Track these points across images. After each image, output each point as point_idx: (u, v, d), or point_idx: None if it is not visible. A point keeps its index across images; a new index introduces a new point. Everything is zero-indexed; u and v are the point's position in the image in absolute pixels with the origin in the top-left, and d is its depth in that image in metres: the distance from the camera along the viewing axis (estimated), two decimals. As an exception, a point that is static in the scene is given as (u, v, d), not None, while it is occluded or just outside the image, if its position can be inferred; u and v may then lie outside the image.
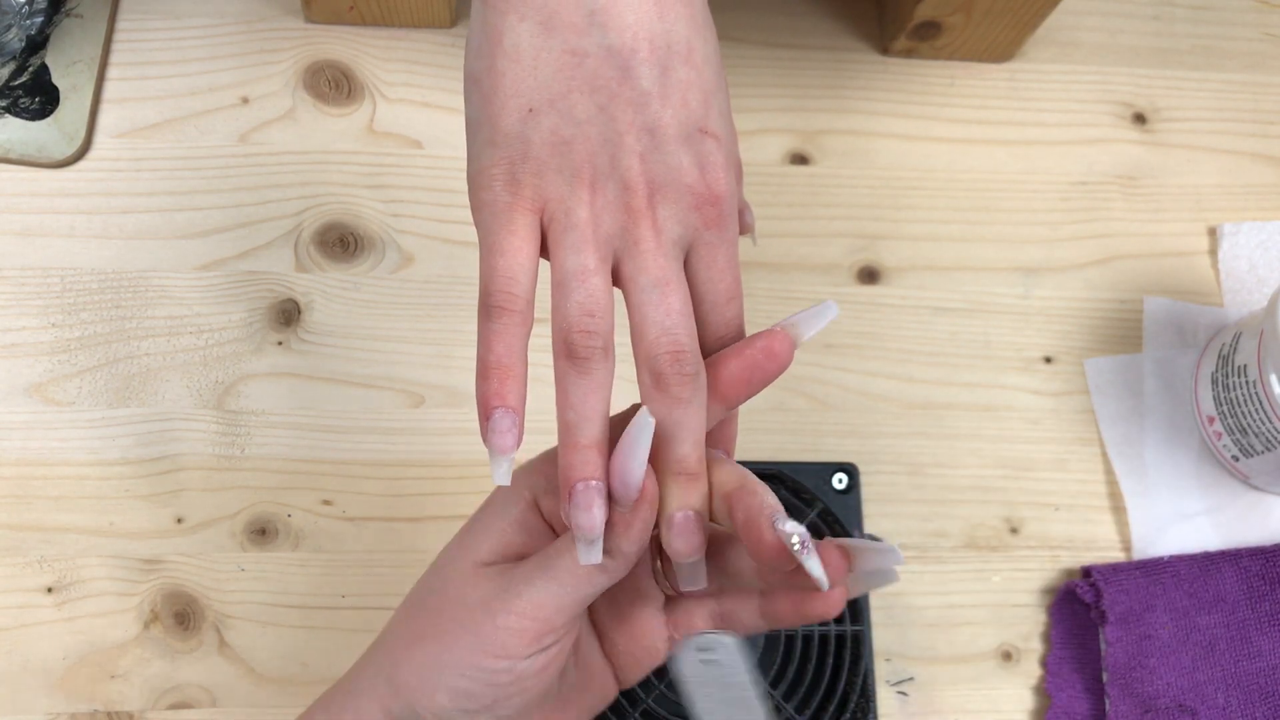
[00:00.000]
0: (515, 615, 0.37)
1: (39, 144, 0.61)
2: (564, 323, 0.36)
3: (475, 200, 0.37)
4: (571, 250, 0.36)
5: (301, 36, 0.66)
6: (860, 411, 0.64)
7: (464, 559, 0.40)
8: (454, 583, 0.39)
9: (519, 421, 0.36)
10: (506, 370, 0.36)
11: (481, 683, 0.38)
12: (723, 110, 0.38)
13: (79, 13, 0.64)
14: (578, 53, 0.36)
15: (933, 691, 0.60)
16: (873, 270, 0.66)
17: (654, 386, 0.36)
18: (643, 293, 0.37)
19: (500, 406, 0.36)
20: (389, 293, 0.62)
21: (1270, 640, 0.60)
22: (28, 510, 0.57)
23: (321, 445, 0.60)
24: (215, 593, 0.57)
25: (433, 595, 0.40)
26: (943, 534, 0.62)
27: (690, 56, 0.37)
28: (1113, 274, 0.68)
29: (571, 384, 0.36)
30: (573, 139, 0.36)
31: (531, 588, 0.37)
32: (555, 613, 0.37)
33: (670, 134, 0.36)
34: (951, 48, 0.69)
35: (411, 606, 0.41)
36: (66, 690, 0.55)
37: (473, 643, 0.37)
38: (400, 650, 0.39)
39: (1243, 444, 0.62)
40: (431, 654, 0.38)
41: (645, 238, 0.37)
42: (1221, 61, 0.73)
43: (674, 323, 0.36)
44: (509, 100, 0.36)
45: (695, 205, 0.37)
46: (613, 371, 0.37)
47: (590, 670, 0.42)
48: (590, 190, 0.36)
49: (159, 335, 0.60)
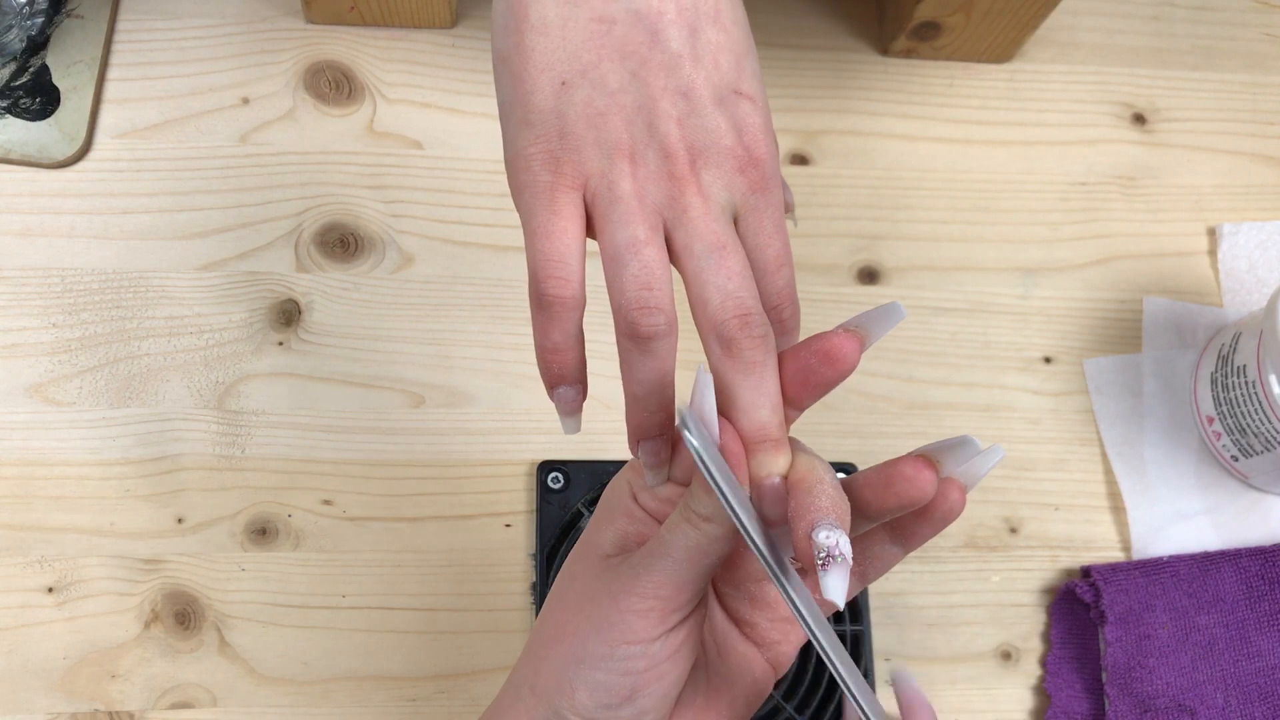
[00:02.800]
0: (637, 596, 0.36)
1: (40, 144, 0.61)
2: (622, 299, 0.35)
3: (515, 183, 0.37)
4: (620, 224, 0.36)
5: (302, 37, 0.66)
6: (860, 411, 0.64)
7: (589, 555, 0.39)
8: (581, 579, 0.39)
9: (582, 389, 0.38)
10: (565, 353, 0.36)
11: (617, 673, 0.37)
12: (755, 72, 0.38)
13: (79, 13, 0.64)
14: (605, 19, 0.36)
15: (933, 691, 0.60)
16: (873, 270, 0.66)
17: (725, 354, 0.35)
18: (699, 260, 0.36)
19: (563, 384, 0.37)
20: (389, 293, 0.62)
21: (1269, 640, 0.61)
22: (28, 510, 0.57)
23: (322, 445, 0.60)
24: (216, 593, 0.57)
25: (564, 596, 0.39)
26: (942, 534, 0.62)
27: (718, 17, 0.36)
28: (1112, 274, 0.68)
29: (637, 361, 0.36)
30: (607, 110, 0.36)
31: (649, 568, 0.36)
32: (676, 589, 0.36)
33: (704, 96, 0.36)
34: (951, 48, 0.69)
35: (546, 612, 0.40)
36: (67, 690, 0.55)
37: (602, 633, 0.37)
38: (539, 656, 0.39)
39: (1242, 444, 0.62)
40: (566, 652, 0.37)
41: (693, 204, 0.36)
42: (1221, 61, 0.73)
43: (737, 285, 0.35)
44: (540, 75, 0.36)
45: (738, 169, 0.36)
46: (676, 342, 0.36)
47: (733, 658, 0.41)
48: (631, 161, 0.36)
49: (159, 335, 0.60)
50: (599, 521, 0.40)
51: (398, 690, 0.57)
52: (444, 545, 0.59)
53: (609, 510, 0.40)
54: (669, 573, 0.36)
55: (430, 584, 0.58)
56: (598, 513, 0.40)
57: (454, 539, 0.59)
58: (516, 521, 0.60)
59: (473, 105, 0.66)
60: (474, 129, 0.65)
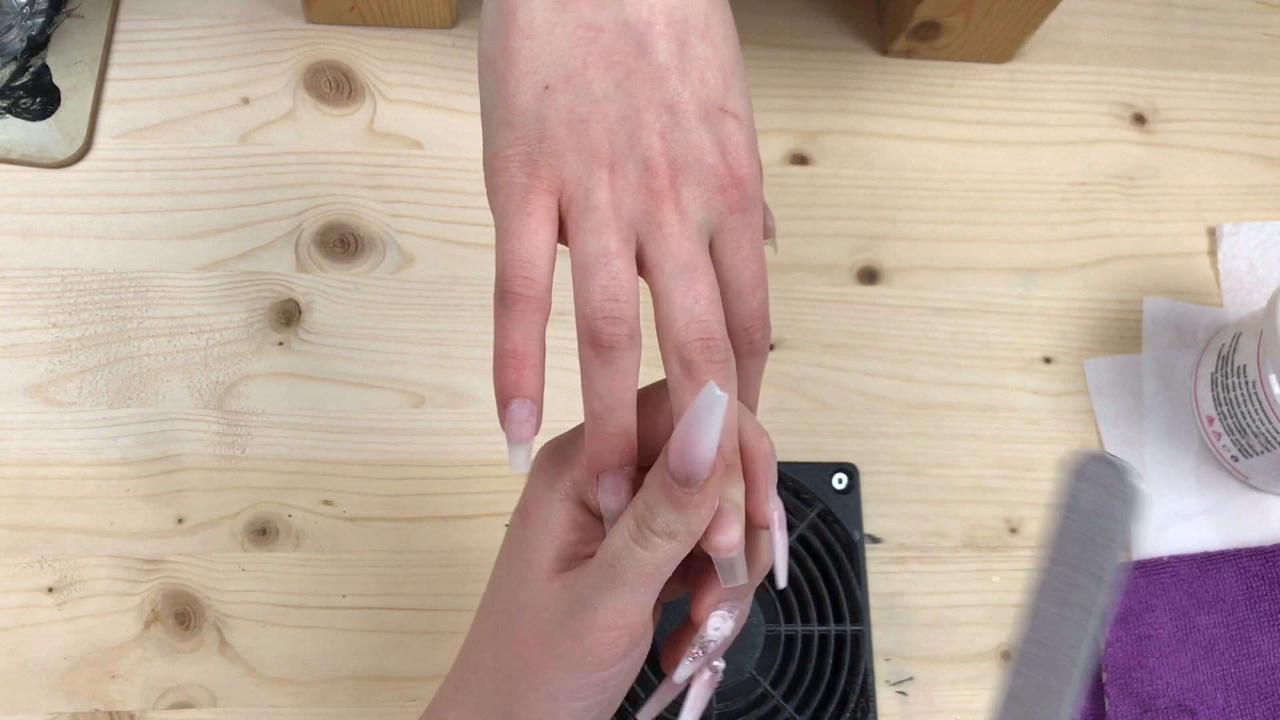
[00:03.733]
0: (599, 631, 0.35)
1: (40, 144, 0.61)
2: (587, 309, 0.35)
3: (491, 184, 0.36)
4: (592, 233, 0.35)
5: (302, 37, 0.66)
6: (860, 411, 0.64)
7: (530, 575, 0.37)
8: (530, 606, 0.37)
9: (537, 411, 0.35)
10: (524, 359, 0.35)
11: (595, 693, 0.36)
12: (743, 90, 0.37)
13: (80, 13, 0.64)
14: (592, 27, 0.35)
15: (933, 691, 0.60)
16: (873, 270, 0.66)
17: (684, 375, 0.35)
18: (669, 279, 0.35)
19: (517, 396, 0.35)
20: (389, 293, 0.62)
21: (1269, 640, 0.61)
22: (28, 510, 0.57)
23: (322, 445, 0.60)
24: (216, 593, 0.57)
25: (515, 621, 0.37)
26: (942, 534, 0.62)
27: (708, 33, 0.36)
28: (1112, 274, 0.68)
29: (597, 373, 0.35)
30: (590, 117, 0.35)
31: (604, 598, 0.35)
32: (637, 613, 0.36)
33: (690, 111, 0.36)
34: (951, 48, 0.69)
35: (498, 635, 0.38)
36: (67, 690, 0.55)
37: (574, 669, 0.36)
38: (506, 693, 0.37)
39: (1242, 444, 0.62)
40: (538, 687, 0.36)
41: (669, 221, 0.35)
42: (1221, 61, 0.73)
43: (703, 309, 0.35)
44: (524, 78, 0.35)
45: (719, 188, 0.36)
46: (640, 358, 0.35)
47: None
48: (610, 171, 0.35)
49: (159, 335, 0.60)
50: (535, 534, 0.38)
51: (398, 690, 0.57)
52: (444, 545, 0.59)
53: (542, 523, 0.38)
54: (627, 601, 0.35)
55: (430, 584, 0.58)
56: (526, 526, 0.38)
57: (454, 539, 0.59)
58: (516, 521, 0.60)
59: (473, 105, 0.66)
60: (474, 129, 0.65)
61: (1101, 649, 0.60)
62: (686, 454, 0.33)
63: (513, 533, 0.39)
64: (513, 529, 0.39)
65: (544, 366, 0.36)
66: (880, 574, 0.61)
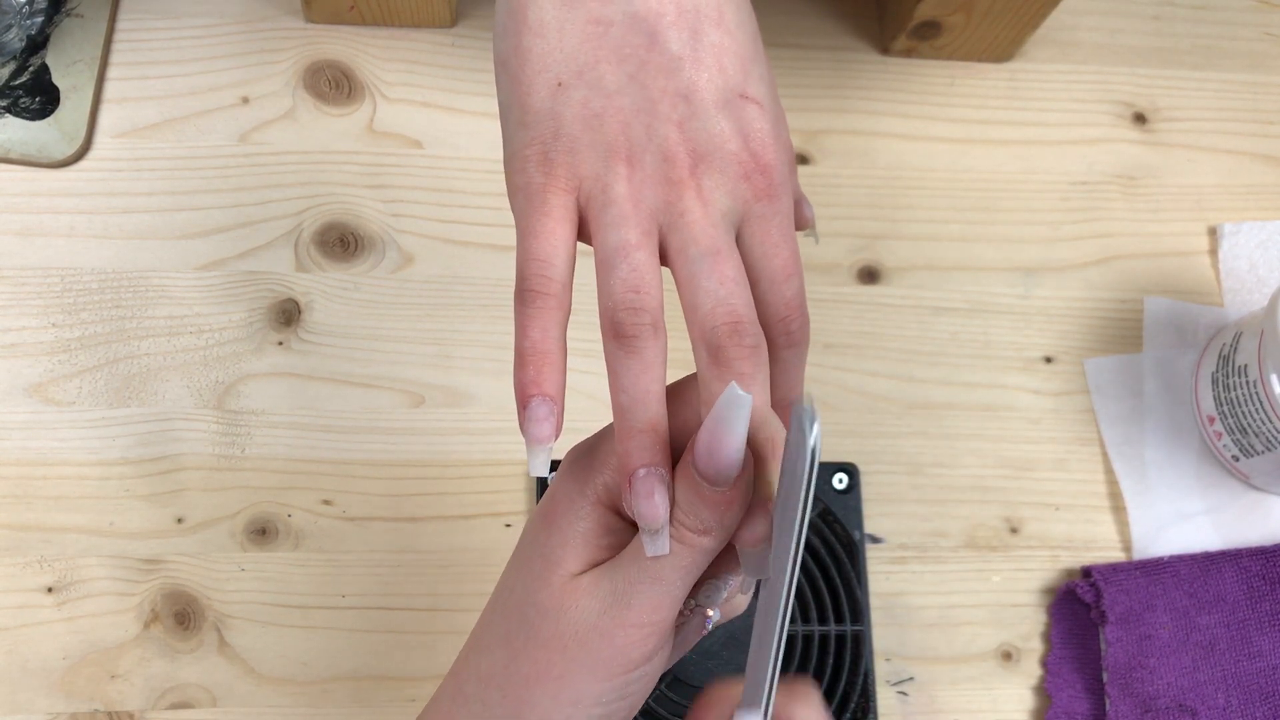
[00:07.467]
0: (632, 628, 0.34)
1: (39, 144, 0.61)
2: (609, 301, 0.34)
3: (510, 185, 0.36)
4: (611, 227, 0.35)
5: (301, 36, 0.66)
6: (860, 411, 0.64)
7: (553, 576, 0.36)
8: (553, 608, 0.36)
9: (557, 410, 0.34)
10: (543, 356, 0.34)
11: (616, 698, 0.36)
12: (763, 77, 0.37)
13: (79, 12, 0.64)
14: (602, 21, 0.35)
15: (933, 691, 0.60)
16: (873, 270, 0.66)
17: (712, 362, 0.34)
18: (693, 263, 0.34)
19: (537, 395, 0.34)
20: (389, 293, 0.62)
21: (1270, 640, 0.60)
22: (28, 510, 0.57)
23: (322, 445, 0.60)
24: (215, 593, 0.57)
25: (534, 624, 0.36)
26: (943, 534, 0.62)
27: (721, 20, 0.36)
28: (1113, 274, 0.68)
29: (622, 366, 0.34)
30: (604, 111, 0.35)
31: (639, 595, 0.34)
32: (670, 609, 0.35)
33: (707, 99, 0.35)
34: (951, 48, 0.69)
35: (511, 640, 0.37)
36: (66, 690, 0.55)
37: (597, 671, 0.35)
38: (519, 698, 0.36)
39: (1243, 444, 0.62)
40: (558, 693, 0.35)
41: (691, 208, 0.35)
42: (1221, 61, 0.73)
43: (729, 291, 0.34)
44: (537, 77, 0.35)
45: (743, 175, 0.35)
46: (664, 350, 0.34)
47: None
48: (627, 164, 0.35)
49: (159, 335, 0.60)
50: (560, 534, 0.36)
51: (398, 690, 0.57)
52: (444, 545, 0.59)
53: (570, 526, 0.36)
54: (662, 596, 0.35)
55: (430, 584, 0.58)
56: (552, 521, 0.37)
57: (454, 539, 0.59)
58: (516, 521, 0.60)
59: (473, 105, 0.66)
60: (474, 128, 0.65)
61: (1103, 649, 0.60)
62: (713, 454, 0.32)
63: (531, 535, 0.37)
64: (532, 531, 0.37)
65: (565, 367, 0.35)
66: (880, 574, 0.61)
